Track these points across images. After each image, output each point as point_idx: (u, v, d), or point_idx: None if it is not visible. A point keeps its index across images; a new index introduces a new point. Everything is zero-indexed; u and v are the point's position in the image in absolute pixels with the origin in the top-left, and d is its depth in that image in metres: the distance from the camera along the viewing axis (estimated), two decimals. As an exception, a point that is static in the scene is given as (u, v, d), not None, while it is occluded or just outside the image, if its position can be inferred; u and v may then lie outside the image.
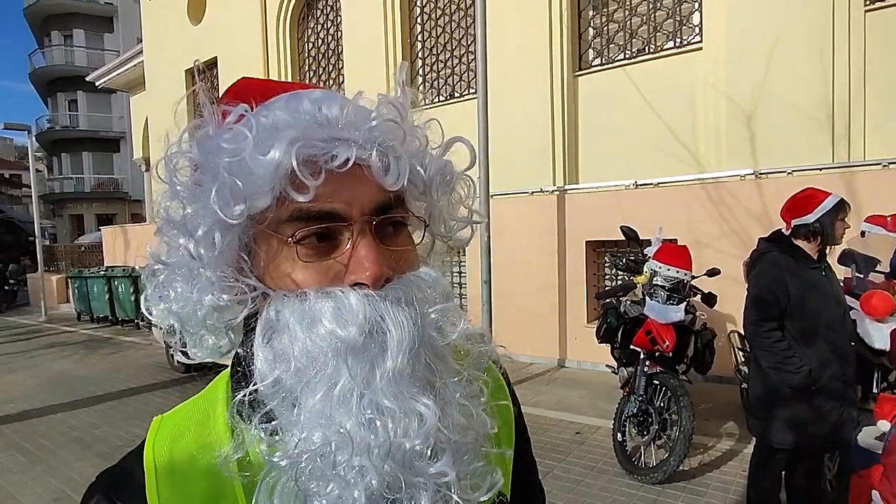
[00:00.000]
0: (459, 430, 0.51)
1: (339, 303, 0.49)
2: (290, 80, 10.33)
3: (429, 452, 0.48)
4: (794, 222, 2.62)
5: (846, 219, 2.60)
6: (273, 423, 0.49)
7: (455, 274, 7.71)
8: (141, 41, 14.11)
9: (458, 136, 0.60)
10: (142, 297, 0.56)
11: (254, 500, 0.48)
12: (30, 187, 16.27)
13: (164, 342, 8.42)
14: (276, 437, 0.49)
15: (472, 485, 0.52)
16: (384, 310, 0.49)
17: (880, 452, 2.23)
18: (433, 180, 0.57)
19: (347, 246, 0.51)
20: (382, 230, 0.53)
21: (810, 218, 2.55)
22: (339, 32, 9.57)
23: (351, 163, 0.49)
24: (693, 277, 4.03)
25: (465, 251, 6.53)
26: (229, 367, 0.59)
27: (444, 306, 0.53)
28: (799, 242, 2.61)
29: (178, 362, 7.72)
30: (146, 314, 0.56)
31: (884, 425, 2.40)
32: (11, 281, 17.31)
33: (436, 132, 0.58)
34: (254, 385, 0.50)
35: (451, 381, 0.52)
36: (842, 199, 2.58)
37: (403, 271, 0.53)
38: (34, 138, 18.50)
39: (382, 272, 0.50)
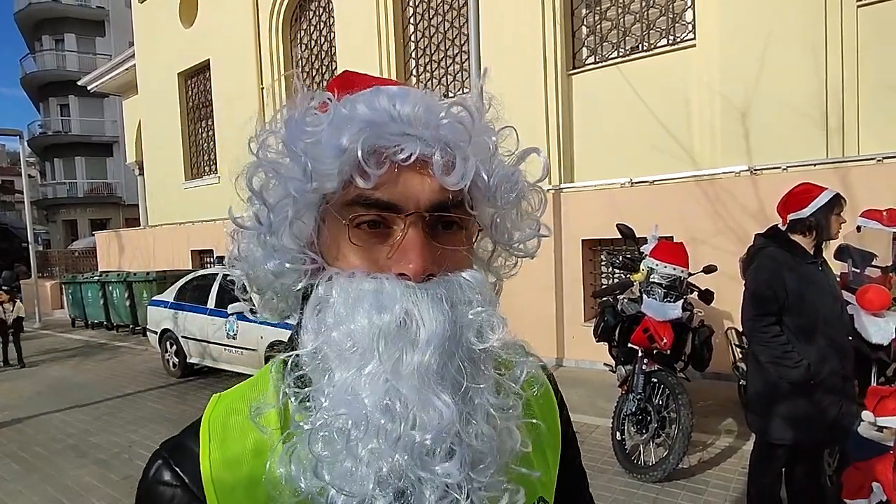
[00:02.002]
0: (483, 439, 0.51)
1: (379, 288, 0.51)
2: (282, 81, 10.31)
3: (439, 450, 0.49)
4: (789, 217, 2.61)
5: (842, 214, 2.60)
6: (306, 389, 0.52)
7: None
8: (133, 45, 14.04)
9: (534, 147, 0.61)
10: (225, 258, 0.62)
11: (274, 459, 0.51)
12: (22, 193, 16.15)
13: (160, 346, 8.34)
14: (308, 403, 0.52)
15: (490, 497, 0.52)
16: (421, 303, 0.50)
17: (890, 444, 2.23)
18: (498, 187, 0.57)
19: (398, 236, 0.53)
20: (435, 227, 0.54)
21: (805, 212, 2.55)
22: (332, 33, 9.55)
23: (414, 157, 0.51)
24: (690, 274, 4.03)
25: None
26: (284, 348, 0.64)
27: (485, 311, 0.54)
28: (795, 237, 2.60)
29: (174, 366, 7.69)
30: (235, 291, 0.63)
31: (868, 416, 2.41)
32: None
33: (511, 141, 0.60)
34: (297, 351, 0.54)
35: (483, 388, 0.52)
36: (837, 195, 2.57)
37: (451, 271, 0.54)
38: (26, 144, 18.39)
39: (425, 266, 0.52)
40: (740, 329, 3.14)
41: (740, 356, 4.50)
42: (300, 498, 0.50)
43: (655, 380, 3.77)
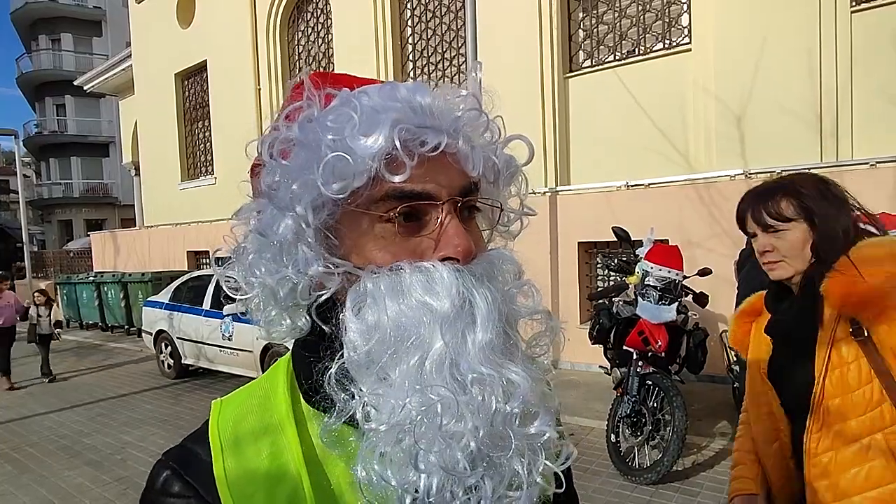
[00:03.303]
0: (545, 399, 0.54)
1: (431, 276, 0.51)
2: (280, 82, 10.31)
3: (523, 416, 0.51)
4: None
5: None
6: (362, 392, 0.50)
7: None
8: (129, 45, 14.01)
9: (519, 134, 0.64)
10: (223, 279, 0.59)
11: (357, 467, 0.50)
12: (17, 193, 16.09)
13: (154, 348, 8.29)
14: (368, 407, 0.50)
15: (555, 454, 0.55)
16: (473, 284, 0.52)
17: None
18: (501, 172, 0.61)
19: (435, 225, 0.54)
20: (462, 213, 0.56)
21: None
22: (330, 35, 9.56)
23: (441, 148, 0.53)
24: (685, 277, 4.04)
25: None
26: (289, 353, 0.63)
27: (520, 282, 0.58)
28: None
29: (169, 367, 7.66)
30: (229, 291, 0.59)
31: None
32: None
33: (503, 129, 0.63)
34: (342, 356, 0.51)
35: (523, 354, 0.56)
36: None
37: (482, 251, 0.57)
38: (22, 143, 18.32)
39: (472, 248, 0.54)
40: (734, 332, 3.14)
41: (734, 359, 4.51)
42: (383, 497, 0.49)
43: (650, 382, 3.78)
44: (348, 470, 0.52)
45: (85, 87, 15.74)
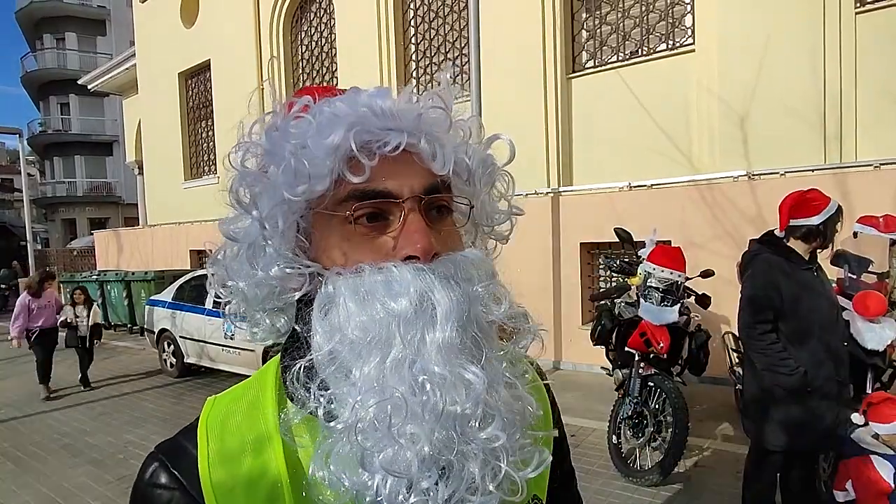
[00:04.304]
0: (506, 404, 0.52)
1: (391, 276, 0.52)
2: (283, 81, 10.32)
3: (478, 419, 0.50)
4: (795, 221, 2.58)
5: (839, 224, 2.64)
6: (328, 391, 0.52)
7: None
8: (133, 44, 14.04)
9: (499, 134, 0.63)
10: (207, 283, 0.62)
11: (310, 467, 0.51)
12: (21, 191, 16.14)
13: (156, 347, 8.25)
14: (332, 405, 0.52)
15: (521, 461, 0.53)
16: (433, 282, 0.52)
17: (886, 451, 2.28)
18: (476, 171, 0.61)
19: (398, 223, 0.54)
20: (429, 212, 0.56)
21: (816, 220, 2.54)
22: (333, 35, 9.56)
23: (401, 148, 0.54)
24: (687, 279, 4.03)
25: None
26: (280, 353, 0.63)
27: (490, 283, 0.56)
28: (793, 243, 2.60)
29: (172, 366, 7.68)
30: (217, 294, 0.61)
31: (857, 419, 2.44)
32: (2, 286, 17.15)
33: (477, 129, 0.63)
34: (310, 356, 0.53)
35: (496, 357, 0.54)
36: (840, 205, 2.62)
37: (449, 251, 0.56)
38: (26, 142, 18.39)
39: (431, 245, 0.53)
40: (737, 334, 3.14)
41: (737, 360, 4.50)
42: (344, 498, 0.50)
43: (652, 384, 3.77)
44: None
45: (89, 87, 15.80)
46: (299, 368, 0.53)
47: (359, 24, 8.75)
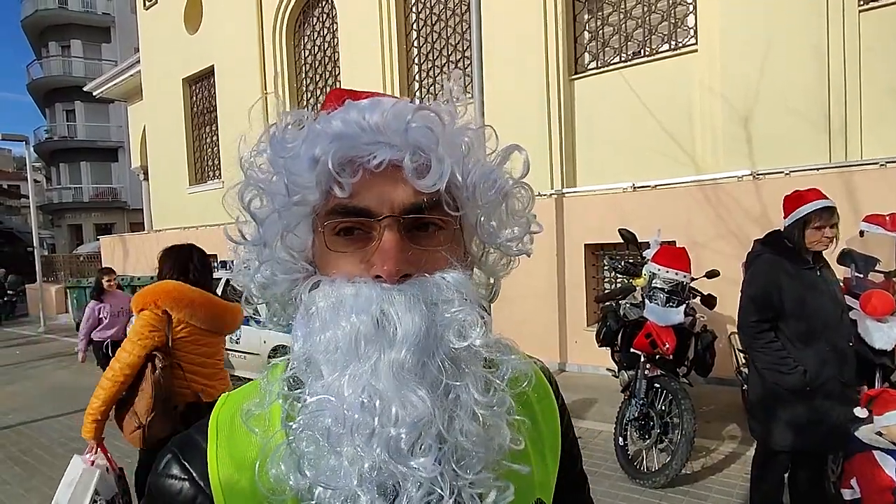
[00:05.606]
0: (468, 435, 0.51)
1: (357, 292, 0.53)
2: (286, 86, 10.36)
3: (416, 446, 0.49)
4: (784, 221, 2.64)
5: (833, 226, 2.52)
6: (298, 391, 0.55)
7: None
8: (138, 51, 14.13)
9: (515, 144, 0.62)
10: (229, 268, 0.66)
11: (268, 462, 0.53)
12: (28, 198, 16.25)
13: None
14: (298, 405, 0.54)
15: (480, 493, 0.52)
16: (396, 303, 0.52)
17: (889, 446, 2.26)
18: (476, 186, 0.58)
19: (376, 240, 0.55)
20: (413, 230, 0.55)
21: (786, 221, 2.60)
22: (336, 39, 9.59)
23: (385, 164, 0.53)
24: (692, 279, 4.02)
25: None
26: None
27: (464, 310, 0.54)
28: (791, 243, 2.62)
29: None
30: (233, 280, 0.65)
31: (860, 412, 2.42)
32: (10, 292, 17.25)
33: (481, 140, 0.60)
34: (289, 356, 0.57)
35: (468, 386, 0.52)
36: (820, 208, 2.50)
37: (430, 272, 0.55)
38: (32, 149, 18.52)
39: (398, 267, 0.53)
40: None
41: (743, 361, 4.47)
42: (294, 496, 0.52)
43: (658, 385, 3.76)
44: None
45: (94, 93, 15.90)
46: (286, 364, 0.57)
47: (361, 27, 8.78)
